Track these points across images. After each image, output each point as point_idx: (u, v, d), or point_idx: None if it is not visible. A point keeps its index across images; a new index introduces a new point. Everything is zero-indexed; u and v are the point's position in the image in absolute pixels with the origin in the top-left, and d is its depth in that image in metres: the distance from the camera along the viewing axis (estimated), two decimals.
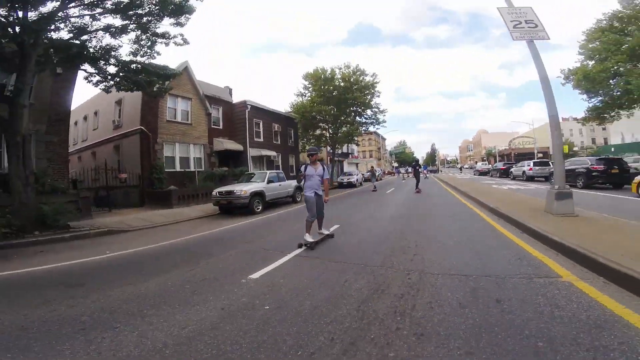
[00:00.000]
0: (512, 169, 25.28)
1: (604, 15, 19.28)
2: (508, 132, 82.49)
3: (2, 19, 6.93)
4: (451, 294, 2.73)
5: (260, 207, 10.45)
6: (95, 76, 9.58)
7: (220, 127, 18.96)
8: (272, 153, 21.60)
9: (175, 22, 9.23)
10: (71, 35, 8.14)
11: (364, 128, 27.92)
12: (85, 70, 9.47)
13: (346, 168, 38.09)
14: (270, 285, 3.25)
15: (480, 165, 48.35)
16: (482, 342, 1.92)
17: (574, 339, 1.90)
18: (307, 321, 2.35)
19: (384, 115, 26.32)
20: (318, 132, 25.98)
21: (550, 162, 20.68)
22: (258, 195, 10.42)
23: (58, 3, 7.37)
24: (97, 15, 8.29)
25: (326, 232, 5.48)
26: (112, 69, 9.64)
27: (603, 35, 18.46)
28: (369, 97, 24.51)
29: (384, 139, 69.35)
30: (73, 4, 7.80)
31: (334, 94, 23.36)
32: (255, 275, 3.56)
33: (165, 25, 10.19)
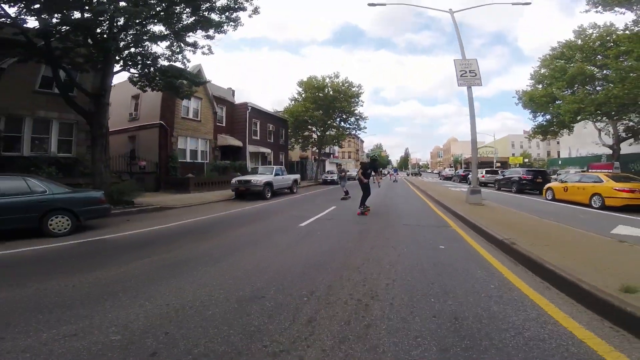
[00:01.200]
0: (468, 176, 29.63)
1: (558, 43, 22.62)
2: (478, 140, 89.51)
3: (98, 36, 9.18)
4: (400, 231, 5.90)
5: (270, 194, 13.31)
6: (138, 77, 11.65)
7: (224, 124, 21.45)
8: (267, 150, 24.34)
9: (205, 35, 10.97)
10: (132, 45, 10.33)
11: (347, 132, 31.25)
12: (133, 74, 11.63)
13: (327, 167, 41.40)
14: (313, 228, 6.28)
15: (446, 171, 53.42)
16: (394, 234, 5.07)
17: (463, 265, 5.10)
18: (338, 237, 5.43)
19: (365, 122, 29.87)
20: (307, 133, 28.99)
21: (499, 171, 25.01)
22: (268, 184, 13.27)
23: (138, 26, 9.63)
24: (149, 26, 10.19)
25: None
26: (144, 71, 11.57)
27: (553, 62, 22.38)
28: (354, 105, 27.86)
29: (362, 141, 73.52)
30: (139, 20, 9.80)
31: (324, 101, 26.46)
32: (302, 224, 6.60)
33: (197, 36, 11.48)
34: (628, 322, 2.03)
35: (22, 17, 7.79)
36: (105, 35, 9.22)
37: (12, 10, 7.89)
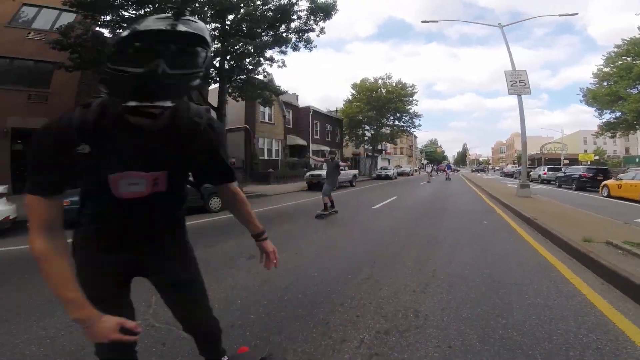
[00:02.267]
0: (531, 172, 28.95)
1: (623, 41, 22.00)
2: (543, 136, 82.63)
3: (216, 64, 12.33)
4: (455, 213, 7.81)
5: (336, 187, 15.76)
6: (234, 90, 14.66)
7: (291, 126, 24.54)
8: (326, 148, 26.93)
9: (280, 50, 13.22)
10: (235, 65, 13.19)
11: (401, 130, 32.60)
12: (233, 88, 14.65)
13: (380, 163, 42.90)
14: (383, 209, 8.49)
15: (508, 168, 51.11)
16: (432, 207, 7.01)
17: (496, 230, 6.94)
18: (405, 216, 7.55)
19: (420, 120, 30.92)
20: (360, 132, 31.04)
21: (562, 168, 24.38)
22: None
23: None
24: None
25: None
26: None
27: (618, 60, 21.57)
28: (407, 105, 29.16)
29: (415, 137, 72.76)
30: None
31: (377, 102, 28.24)
32: (375, 207, 8.84)
33: (274, 52, 13.55)
34: (574, 253, 3.88)
35: None
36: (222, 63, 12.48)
37: None
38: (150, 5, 10.08)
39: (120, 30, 10.37)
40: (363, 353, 1.90)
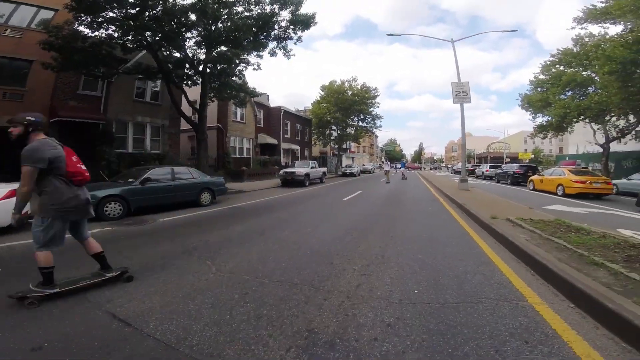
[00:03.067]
0: (476, 170, 32.73)
1: (558, 50, 24.99)
2: (490, 136, 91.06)
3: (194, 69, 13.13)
4: (408, 201, 9.63)
5: (308, 183, 17.18)
6: (214, 92, 15.50)
7: (262, 125, 25.44)
8: (296, 147, 28.28)
9: (256, 54, 14.42)
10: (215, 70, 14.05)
11: (364, 130, 34.87)
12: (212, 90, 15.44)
13: (344, 161, 45.08)
14: (352, 200, 10.09)
15: (458, 166, 56.24)
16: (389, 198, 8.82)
17: (436, 213, 8.83)
18: (370, 204, 9.20)
19: (381, 121, 33.35)
20: (328, 131, 32.75)
21: (501, 166, 28.08)
22: (307, 175, 17.14)
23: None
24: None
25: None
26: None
27: (551, 68, 24.88)
28: (370, 107, 31.38)
29: (376, 136, 76.55)
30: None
31: (344, 103, 30.10)
32: (345, 199, 10.42)
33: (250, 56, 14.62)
34: (484, 226, 5.69)
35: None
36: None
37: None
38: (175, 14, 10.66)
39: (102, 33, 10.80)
40: (356, 274, 3.35)
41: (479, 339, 2.05)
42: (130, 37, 11.49)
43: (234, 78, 15.14)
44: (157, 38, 11.74)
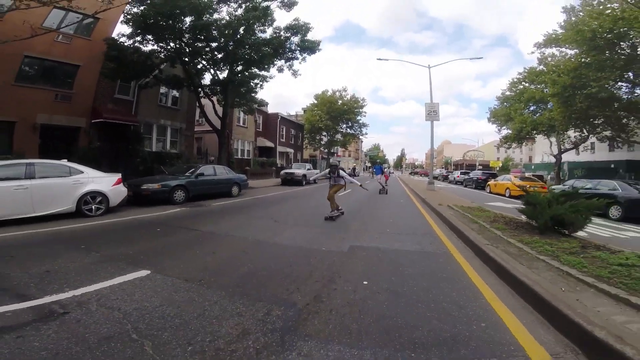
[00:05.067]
0: (449, 176, 36.68)
1: (524, 69, 28.08)
2: (467, 144, 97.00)
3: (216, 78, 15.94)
4: (386, 198, 12.78)
5: (304, 183, 20.11)
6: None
7: (260, 129, 28.16)
8: (290, 150, 31.14)
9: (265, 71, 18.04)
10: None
11: (351, 136, 38.22)
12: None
13: None
14: (345, 195, 13.10)
15: (435, 172, 60.81)
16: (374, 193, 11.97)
17: (406, 205, 12.01)
18: (359, 197, 12.28)
19: (367, 129, 36.77)
20: (318, 137, 35.83)
21: (469, 173, 31.97)
22: (304, 176, 20.08)
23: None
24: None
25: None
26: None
27: (517, 85, 28.43)
28: (358, 115, 34.74)
29: (361, 141, 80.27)
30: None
31: (334, 112, 33.30)
32: (339, 194, 13.45)
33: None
34: (432, 209, 8.86)
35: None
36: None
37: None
38: (204, 34, 13.46)
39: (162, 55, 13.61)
40: (351, 238, 6.28)
41: (413, 252, 5.11)
42: (171, 54, 14.37)
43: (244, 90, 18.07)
44: (193, 57, 14.70)
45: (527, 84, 27.06)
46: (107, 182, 7.44)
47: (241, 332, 2.20)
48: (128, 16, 13.44)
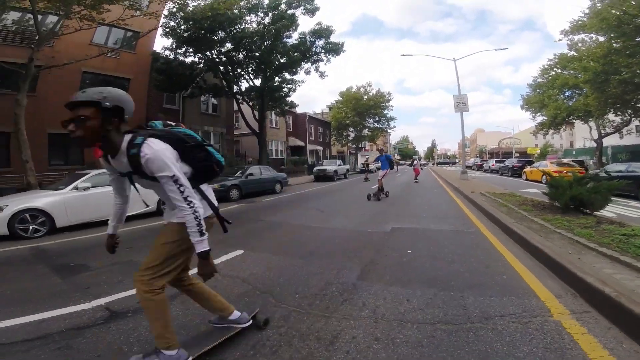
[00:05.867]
0: (484, 164, 35.87)
1: (555, 55, 27.80)
2: (503, 131, 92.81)
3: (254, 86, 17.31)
4: (420, 187, 13.40)
5: (335, 178, 21.05)
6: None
7: (291, 129, 29.44)
8: (319, 147, 32.19)
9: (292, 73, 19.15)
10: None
11: (379, 130, 38.55)
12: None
13: (360, 159, 48.84)
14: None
15: (469, 162, 59.10)
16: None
17: (439, 193, 12.59)
18: (393, 187, 13.01)
19: (394, 122, 36.88)
20: (345, 133, 36.55)
21: (504, 161, 31.16)
22: (335, 171, 21.02)
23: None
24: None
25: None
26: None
27: (549, 72, 27.58)
28: (384, 109, 34.99)
29: (389, 134, 79.63)
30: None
31: (360, 107, 33.84)
32: (373, 187, 14.25)
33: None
34: (465, 196, 9.42)
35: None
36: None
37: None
38: (245, 43, 14.89)
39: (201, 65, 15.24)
40: (391, 222, 7.12)
41: (447, 231, 5.88)
42: (210, 64, 15.93)
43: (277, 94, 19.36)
44: (230, 66, 16.19)
45: (559, 70, 26.27)
46: None
47: (325, 284, 3.17)
48: (167, 29, 14.93)
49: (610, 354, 1.88)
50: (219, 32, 14.79)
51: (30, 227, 6.15)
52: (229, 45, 15.44)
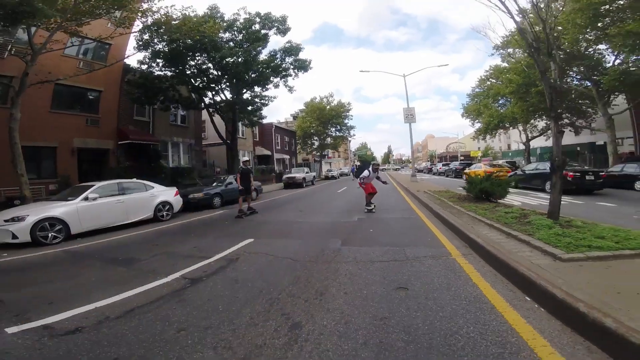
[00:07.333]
0: (432, 168, 39.98)
1: (490, 67, 32.00)
2: (450, 137, 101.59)
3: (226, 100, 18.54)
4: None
5: (304, 185, 22.75)
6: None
7: (258, 139, 30.64)
8: (286, 156, 33.72)
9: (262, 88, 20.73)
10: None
11: (340, 138, 41.16)
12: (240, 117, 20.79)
13: (324, 166, 51.12)
14: (343, 192, 15.88)
15: (421, 166, 64.40)
16: None
17: (392, 192, 14.88)
18: (357, 193, 15.06)
19: (354, 130, 39.72)
20: (310, 142, 38.58)
21: (449, 164, 35.23)
22: (304, 179, 22.75)
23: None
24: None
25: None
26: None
27: (485, 83, 31.83)
28: (344, 119, 37.66)
29: (349, 141, 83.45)
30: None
31: (323, 117, 36.12)
32: (338, 191, 16.22)
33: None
34: (412, 194, 11.69)
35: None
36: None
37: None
38: (223, 62, 16.01)
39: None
40: (357, 215, 9.06)
41: (397, 218, 7.88)
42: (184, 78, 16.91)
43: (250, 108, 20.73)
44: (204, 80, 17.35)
45: (493, 81, 30.50)
46: (170, 194, 9.94)
47: (321, 249, 4.88)
48: (139, 42, 15.45)
49: (477, 271, 3.70)
50: (199, 52, 15.88)
51: (50, 235, 7.01)
52: (206, 63, 16.58)
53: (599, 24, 14.80)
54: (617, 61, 17.03)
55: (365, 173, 9.02)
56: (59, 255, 5.90)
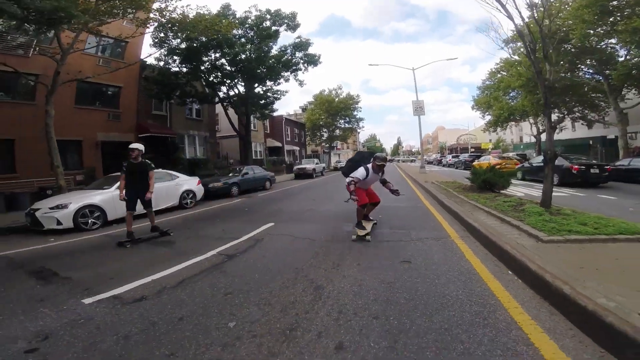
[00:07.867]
0: (442, 160, 40.05)
1: (500, 59, 31.67)
2: (461, 128, 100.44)
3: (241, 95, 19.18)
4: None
5: (314, 176, 23.39)
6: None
7: (269, 131, 31.30)
8: (296, 147, 34.33)
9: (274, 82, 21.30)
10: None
11: (349, 130, 41.47)
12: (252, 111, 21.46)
13: (333, 158, 51.61)
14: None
15: (431, 157, 64.17)
16: None
17: (402, 183, 15.40)
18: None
19: (363, 122, 39.98)
20: (319, 133, 39.05)
21: (459, 156, 35.28)
22: (314, 169, 23.38)
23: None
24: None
25: None
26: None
27: (496, 75, 31.61)
28: (353, 111, 37.93)
29: (358, 133, 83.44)
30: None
31: (332, 109, 36.47)
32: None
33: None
34: (421, 185, 12.19)
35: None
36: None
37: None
38: (237, 59, 16.61)
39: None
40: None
41: (404, 207, 8.46)
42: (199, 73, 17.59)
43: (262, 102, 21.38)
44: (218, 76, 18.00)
45: (504, 73, 30.23)
46: (193, 183, 10.71)
47: (334, 232, 5.55)
48: (155, 39, 16.10)
49: (470, 250, 4.26)
50: (214, 50, 16.49)
51: (89, 221, 7.80)
52: (220, 59, 17.19)
53: (610, 19, 14.76)
54: (629, 56, 16.92)
55: (361, 172, 5.54)
56: (103, 240, 6.61)
